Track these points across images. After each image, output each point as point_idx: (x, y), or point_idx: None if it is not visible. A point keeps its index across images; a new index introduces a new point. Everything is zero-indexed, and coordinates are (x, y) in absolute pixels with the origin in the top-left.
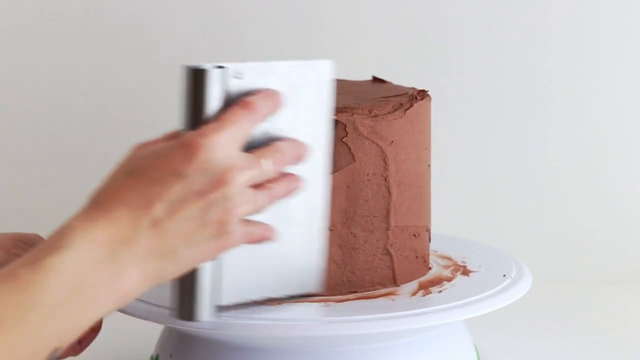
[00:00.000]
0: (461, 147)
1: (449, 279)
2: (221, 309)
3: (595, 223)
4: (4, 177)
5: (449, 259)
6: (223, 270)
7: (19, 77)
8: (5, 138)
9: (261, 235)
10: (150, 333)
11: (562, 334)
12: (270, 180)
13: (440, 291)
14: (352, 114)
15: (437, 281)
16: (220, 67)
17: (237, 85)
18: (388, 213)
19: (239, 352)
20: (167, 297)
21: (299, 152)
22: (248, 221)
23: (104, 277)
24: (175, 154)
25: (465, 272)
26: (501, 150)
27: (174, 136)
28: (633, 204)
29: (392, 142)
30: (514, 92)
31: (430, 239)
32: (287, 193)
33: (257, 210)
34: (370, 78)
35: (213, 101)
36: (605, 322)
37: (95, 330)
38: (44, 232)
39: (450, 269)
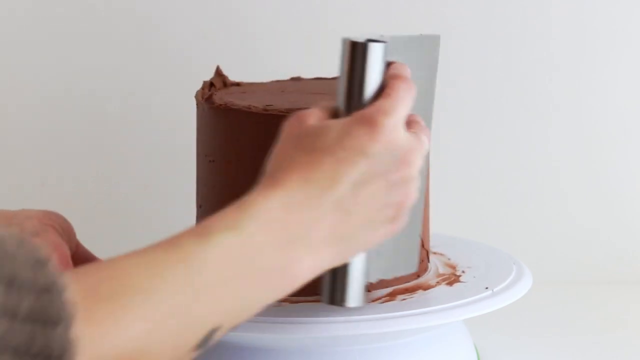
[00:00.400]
0: (461, 147)
1: (427, 288)
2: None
3: (595, 223)
4: (4, 177)
5: (453, 267)
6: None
7: (18, 77)
8: (5, 138)
9: None
10: None
11: (562, 334)
12: None
13: (404, 299)
14: None
15: (413, 289)
16: (373, 40)
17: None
18: None
19: (239, 352)
20: None
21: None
22: None
23: (276, 261)
24: (360, 133)
25: (452, 282)
26: (501, 151)
27: (332, 110)
28: (633, 204)
29: None
30: (514, 92)
31: (423, 245)
32: None
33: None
34: None
35: (374, 76)
36: (605, 322)
37: None
38: None
39: (440, 278)
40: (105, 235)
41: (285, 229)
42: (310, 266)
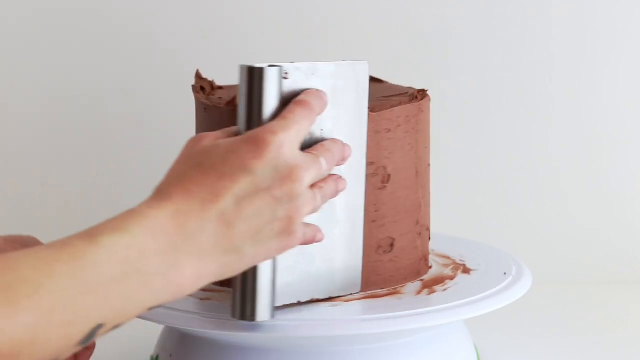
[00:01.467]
0: (461, 147)
1: (451, 277)
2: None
3: (595, 223)
4: (4, 177)
5: (447, 257)
6: (277, 270)
7: (19, 77)
8: (5, 138)
9: (313, 237)
10: (150, 333)
11: (562, 334)
12: (321, 180)
13: (445, 289)
14: None
15: (440, 280)
16: (272, 66)
17: (285, 85)
18: None
19: (239, 352)
20: None
21: (344, 152)
22: (304, 222)
23: (159, 266)
24: (244, 150)
25: (466, 270)
26: (501, 151)
27: (233, 133)
28: (633, 204)
29: None
30: (514, 92)
31: (430, 237)
32: (335, 194)
33: (315, 211)
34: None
35: (271, 99)
36: (605, 322)
37: (89, 348)
38: (44, 232)
39: (450, 267)
40: None
41: (168, 236)
42: (193, 274)
